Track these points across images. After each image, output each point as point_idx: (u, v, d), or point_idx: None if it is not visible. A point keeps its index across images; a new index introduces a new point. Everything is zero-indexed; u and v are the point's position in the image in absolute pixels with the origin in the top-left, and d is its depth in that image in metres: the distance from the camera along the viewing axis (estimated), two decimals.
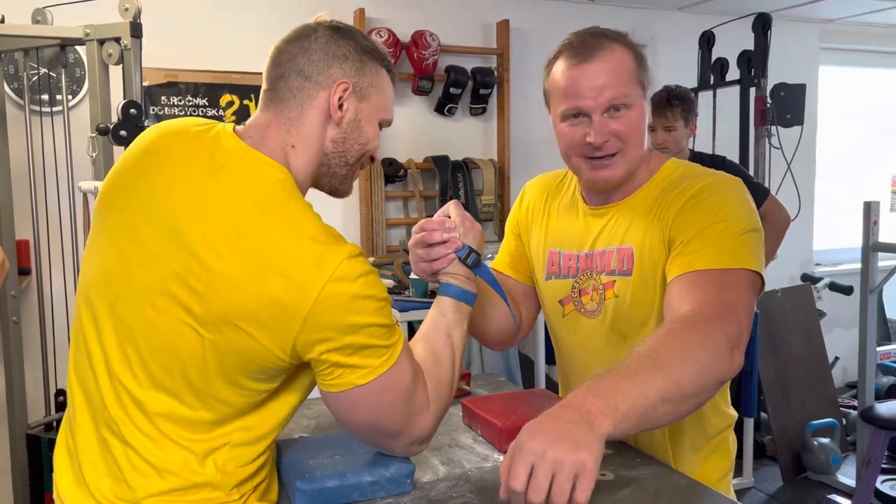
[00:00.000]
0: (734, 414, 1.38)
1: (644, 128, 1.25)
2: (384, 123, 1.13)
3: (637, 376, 0.91)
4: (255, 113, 1.08)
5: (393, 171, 3.51)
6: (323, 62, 1.04)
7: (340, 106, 1.05)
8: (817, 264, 4.73)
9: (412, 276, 2.98)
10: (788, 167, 3.57)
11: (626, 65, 1.22)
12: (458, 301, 1.15)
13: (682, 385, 0.93)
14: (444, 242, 1.16)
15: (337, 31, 1.06)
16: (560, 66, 1.24)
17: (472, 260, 1.17)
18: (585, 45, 1.23)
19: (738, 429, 1.42)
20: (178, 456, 0.97)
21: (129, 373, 0.98)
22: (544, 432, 0.82)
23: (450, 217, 1.19)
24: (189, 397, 0.96)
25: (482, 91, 3.66)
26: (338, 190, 1.13)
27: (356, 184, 3.99)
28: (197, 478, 0.97)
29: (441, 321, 1.13)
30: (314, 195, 1.10)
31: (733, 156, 3.49)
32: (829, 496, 3.24)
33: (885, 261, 3.06)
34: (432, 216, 1.22)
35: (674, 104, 2.95)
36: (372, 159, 1.15)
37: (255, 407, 1.01)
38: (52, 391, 2.68)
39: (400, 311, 2.83)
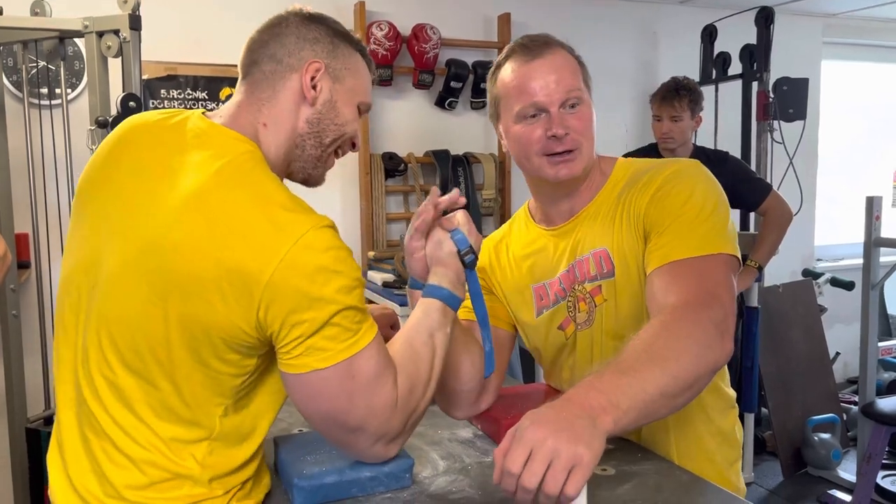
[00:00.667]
0: (732, 393, 1.38)
1: (594, 126, 1.27)
2: (363, 107, 1.13)
3: (636, 372, 0.91)
4: (229, 100, 1.09)
5: (393, 166, 3.49)
6: (294, 45, 1.05)
7: (314, 87, 1.05)
8: (818, 259, 4.73)
9: None
10: (790, 162, 3.56)
11: (572, 63, 1.26)
12: (444, 304, 1.12)
13: (679, 378, 0.94)
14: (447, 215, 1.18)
15: (308, 17, 1.08)
16: (510, 68, 1.26)
17: (470, 259, 1.16)
18: (532, 45, 1.25)
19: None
20: (155, 445, 0.95)
21: (104, 360, 0.97)
22: (547, 421, 0.82)
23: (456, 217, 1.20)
24: (161, 380, 0.94)
25: (483, 85, 3.64)
26: (311, 176, 1.12)
27: (356, 178, 3.97)
28: (176, 468, 0.95)
29: (424, 321, 1.10)
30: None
31: (735, 151, 3.48)
32: (829, 491, 3.24)
33: (886, 256, 3.05)
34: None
35: (682, 94, 2.95)
36: (353, 146, 1.14)
37: (233, 398, 0.98)
38: (52, 385, 2.67)
39: (400, 305, 2.83)
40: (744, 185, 2.89)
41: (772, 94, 3.57)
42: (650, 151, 3.08)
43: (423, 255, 1.19)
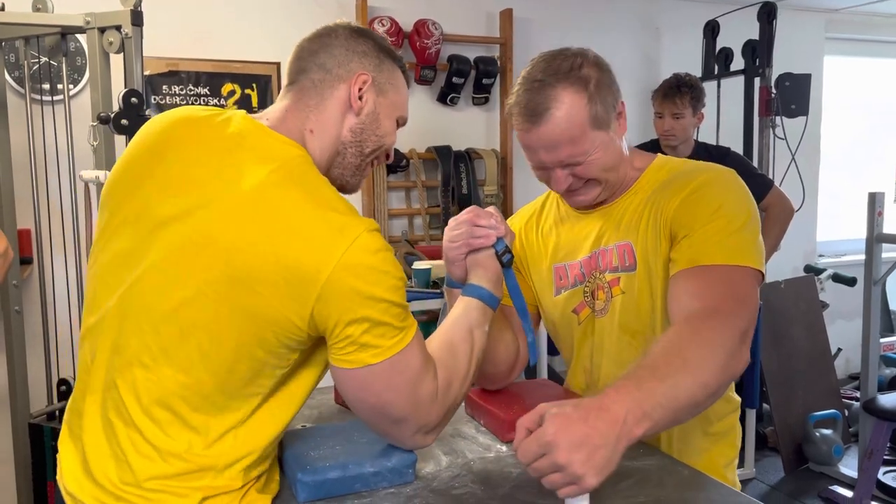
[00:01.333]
0: (738, 398, 1.39)
1: (614, 150, 1.24)
2: (401, 121, 1.17)
3: (670, 378, 0.93)
4: (274, 104, 1.13)
5: (395, 162, 3.49)
6: (343, 56, 1.10)
7: (360, 97, 1.09)
8: (821, 255, 4.72)
9: (414, 266, 2.98)
10: (793, 158, 3.56)
11: (575, 116, 1.18)
12: (484, 304, 1.16)
13: (708, 386, 0.97)
14: (491, 228, 1.18)
15: (356, 30, 1.13)
16: (514, 121, 1.24)
17: (507, 259, 1.19)
18: (531, 104, 1.19)
19: (741, 420, 1.43)
20: (184, 437, 0.97)
21: (145, 350, 0.98)
22: (572, 433, 0.83)
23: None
24: (203, 372, 0.96)
25: (485, 81, 3.64)
26: (348, 183, 1.15)
27: None
28: (201, 460, 0.97)
29: (463, 318, 1.14)
30: None
31: (737, 146, 3.48)
32: (830, 487, 3.24)
33: (889, 252, 3.05)
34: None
35: (683, 91, 2.95)
36: (387, 157, 1.18)
37: (270, 388, 1.00)
38: (55, 380, 2.68)
39: None
40: (745, 181, 2.88)
41: (774, 90, 3.56)
42: (652, 148, 3.08)
43: (465, 261, 1.21)
